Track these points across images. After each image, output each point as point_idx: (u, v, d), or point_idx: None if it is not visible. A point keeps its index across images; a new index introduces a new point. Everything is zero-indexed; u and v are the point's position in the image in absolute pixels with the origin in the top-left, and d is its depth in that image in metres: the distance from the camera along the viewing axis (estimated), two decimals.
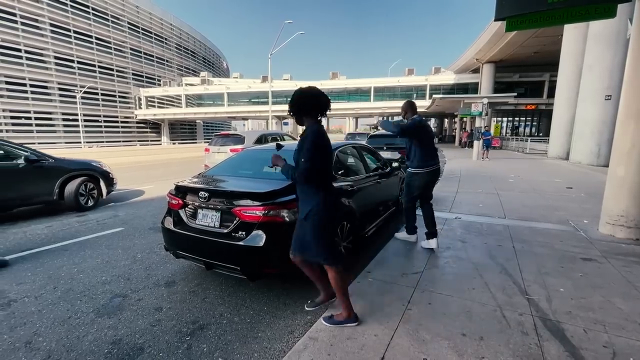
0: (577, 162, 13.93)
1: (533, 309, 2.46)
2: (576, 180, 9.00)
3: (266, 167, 3.63)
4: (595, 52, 13.11)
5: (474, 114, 16.44)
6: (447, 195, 6.97)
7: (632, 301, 2.56)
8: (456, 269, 3.21)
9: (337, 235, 3.25)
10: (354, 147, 4.34)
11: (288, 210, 2.67)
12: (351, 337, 2.14)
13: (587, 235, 4.26)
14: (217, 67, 67.15)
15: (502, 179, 9.49)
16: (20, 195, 5.61)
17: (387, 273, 3.13)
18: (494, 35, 23.94)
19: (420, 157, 3.71)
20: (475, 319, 2.33)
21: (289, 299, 2.89)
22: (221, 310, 2.73)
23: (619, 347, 2.02)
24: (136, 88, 44.06)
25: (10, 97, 31.65)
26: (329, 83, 41.41)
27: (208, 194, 2.82)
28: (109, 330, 2.45)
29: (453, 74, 38.09)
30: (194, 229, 2.92)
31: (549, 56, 24.68)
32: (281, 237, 2.65)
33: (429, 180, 3.79)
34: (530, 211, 5.56)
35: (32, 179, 5.71)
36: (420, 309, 2.47)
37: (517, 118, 45.13)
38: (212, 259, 2.82)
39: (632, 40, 4.06)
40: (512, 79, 33.32)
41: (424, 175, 3.73)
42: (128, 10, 42.42)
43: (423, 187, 3.79)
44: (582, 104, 13.93)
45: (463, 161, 15.39)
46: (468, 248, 3.80)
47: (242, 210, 2.65)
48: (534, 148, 21.36)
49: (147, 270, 3.55)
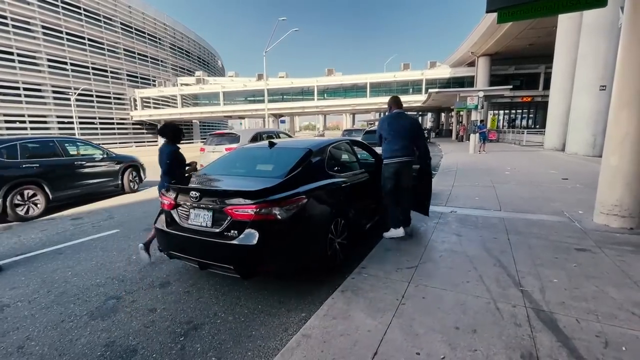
0: (573, 153, 13.96)
1: (527, 301, 2.46)
2: (572, 171, 9.02)
3: (259, 165, 3.62)
4: (590, 43, 13.09)
5: (470, 108, 16.44)
6: (444, 189, 6.97)
7: (625, 290, 2.57)
8: (451, 263, 3.21)
9: (332, 233, 3.25)
10: (347, 143, 4.32)
11: (280, 208, 2.65)
12: (344, 333, 2.14)
13: (581, 225, 4.27)
14: (212, 66, 66.75)
15: (499, 171, 9.50)
16: (100, 182, 7.60)
17: (381, 268, 3.12)
18: (488, 28, 23.90)
19: (386, 149, 3.95)
20: (469, 312, 2.33)
21: (284, 297, 2.88)
22: (215, 309, 2.72)
23: (611, 336, 2.02)
24: (131, 89, 43.75)
25: (3, 102, 31.39)
26: (324, 80, 41.25)
27: (199, 193, 2.80)
28: (102, 332, 2.44)
29: (449, 68, 38.03)
30: (186, 229, 2.90)
31: (545, 48, 24.63)
32: (274, 234, 2.64)
33: (396, 172, 3.88)
34: (525, 203, 5.57)
35: (106, 168, 7.80)
36: (414, 304, 2.47)
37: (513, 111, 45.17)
38: (206, 259, 2.80)
39: (623, 29, 4.05)
40: (507, 71, 33.28)
41: (389, 167, 3.90)
42: (120, 10, 42.01)
43: (393, 179, 3.90)
44: (577, 95, 13.94)
45: (460, 155, 15.40)
46: (463, 241, 3.80)
47: (233, 209, 2.63)
48: (531, 140, 21.39)
49: (142, 271, 3.53)
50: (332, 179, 3.45)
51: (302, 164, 3.20)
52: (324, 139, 4.03)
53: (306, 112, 44.94)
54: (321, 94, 41.48)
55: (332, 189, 3.39)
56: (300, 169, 3.15)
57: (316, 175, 3.29)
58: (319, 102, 41.13)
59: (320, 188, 3.20)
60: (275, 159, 3.52)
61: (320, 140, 3.87)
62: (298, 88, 41.98)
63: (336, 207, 3.37)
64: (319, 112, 49.18)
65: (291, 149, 3.63)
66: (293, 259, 2.88)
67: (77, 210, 6.67)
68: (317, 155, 3.47)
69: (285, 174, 3.01)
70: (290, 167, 3.12)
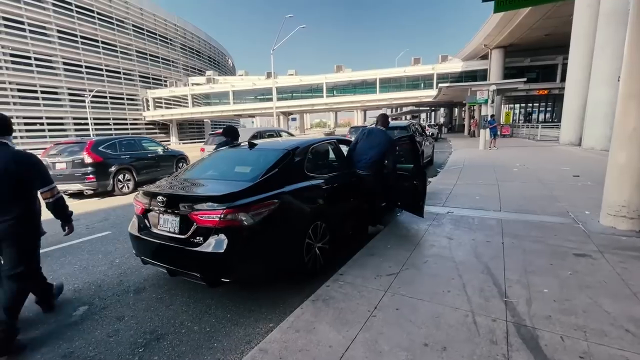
0: (589, 148, 13.30)
1: (509, 314, 2.26)
2: (586, 168, 8.55)
3: (238, 167, 3.51)
4: (607, 32, 12.39)
5: (480, 102, 15.89)
6: (444, 188, 6.70)
7: (621, 302, 2.33)
8: (435, 269, 3.02)
9: (310, 237, 3.12)
10: (333, 143, 4.16)
11: (247, 214, 2.53)
12: (303, 349, 2.01)
13: (585, 228, 3.98)
14: (222, 65, 67.26)
15: (506, 168, 9.11)
16: (162, 171, 9.35)
17: (360, 274, 2.97)
18: (502, 19, 23.03)
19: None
20: (442, 326, 2.15)
21: (256, 305, 2.77)
22: (183, 318, 2.63)
23: (597, 357, 1.81)
24: (143, 90, 44.53)
25: (23, 105, 32.51)
26: (333, 77, 40.90)
27: (166, 198, 2.71)
28: (64, 342, 2.38)
29: (461, 62, 36.99)
30: (156, 235, 2.83)
31: (562, 38, 23.52)
32: (242, 241, 2.53)
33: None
34: (529, 203, 5.27)
35: (166, 160, 9.99)
36: (386, 316, 2.31)
37: (529, 104, 43.66)
38: (174, 266, 2.72)
39: (630, 15, 3.72)
40: (522, 63, 32.10)
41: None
42: (132, 12, 42.72)
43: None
44: (594, 87, 13.26)
45: (469, 151, 14.94)
46: (453, 246, 3.59)
47: (198, 214, 2.53)
48: (546, 135, 20.54)
49: (121, 276, 3.49)
50: (311, 180, 3.31)
51: (278, 166, 3.07)
52: (308, 139, 3.90)
53: (315, 109, 44.77)
54: (330, 90, 41.18)
55: (311, 191, 3.26)
56: (276, 171, 3.02)
57: (293, 177, 3.16)
58: (328, 99, 40.86)
59: (297, 190, 3.06)
60: (253, 161, 3.41)
61: (302, 141, 3.73)
62: (307, 85, 41.81)
63: (315, 210, 3.24)
64: (328, 109, 48.94)
65: (269, 150, 3.50)
66: (265, 267, 2.76)
67: (78, 210, 6.75)
68: (296, 156, 3.34)
69: (258, 177, 2.89)
70: (265, 169, 3.00)
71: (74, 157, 7.72)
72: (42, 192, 2.50)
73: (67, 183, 7.62)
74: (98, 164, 7.77)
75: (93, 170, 7.66)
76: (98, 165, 7.76)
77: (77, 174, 7.64)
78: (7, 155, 2.35)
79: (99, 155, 7.88)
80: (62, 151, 8.01)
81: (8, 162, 2.32)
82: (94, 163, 7.69)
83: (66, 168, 7.69)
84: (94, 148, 7.86)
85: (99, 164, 7.80)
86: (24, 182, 2.39)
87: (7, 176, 2.30)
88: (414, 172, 4.31)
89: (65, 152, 7.96)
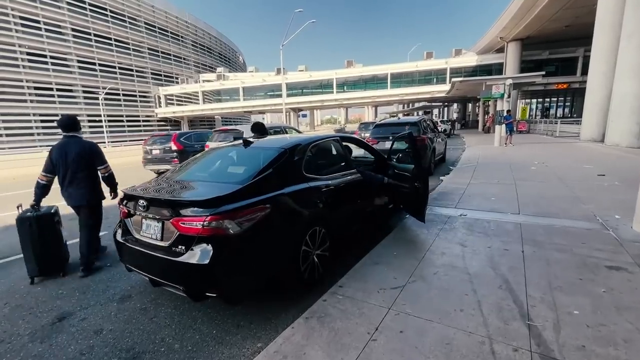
0: (614, 145, 12.55)
1: (533, 342, 1.93)
2: (611, 166, 7.98)
3: (230, 167, 3.25)
4: (635, 20, 11.59)
5: (495, 97, 15.25)
6: (457, 188, 6.31)
7: None
8: (446, 283, 2.69)
9: (308, 244, 2.84)
10: (336, 141, 3.85)
11: (232, 221, 2.26)
12: None
13: (617, 234, 3.57)
14: (233, 62, 67.34)
15: (524, 166, 8.60)
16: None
17: (362, 287, 2.67)
18: (519, 10, 22.11)
19: None
20: (453, 356, 1.84)
21: (245, 320, 2.51)
22: (165, 334, 2.40)
23: None
24: (155, 87, 44.96)
25: (39, 102, 33.25)
26: (344, 72, 40.31)
27: (147, 202, 2.47)
28: (32, 359, 2.18)
29: (475, 56, 35.85)
30: (138, 241, 2.60)
31: (584, 29, 22.40)
32: (227, 251, 2.26)
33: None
34: (550, 205, 4.85)
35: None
36: (388, 340, 2.01)
37: (547, 99, 42.12)
38: (156, 276, 2.49)
39: None
40: (541, 56, 30.83)
41: None
42: (144, 10, 43.07)
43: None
44: (619, 79, 12.45)
45: (483, 147, 14.36)
46: (466, 254, 3.25)
47: (179, 221, 2.28)
48: (565, 131, 19.64)
49: (109, 282, 3.30)
50: (309, 182, 3.02)
51: (271, 167, 2.79)
52: (308, 137, 3.59)
53: (325, 105, 44.27)
54: (340, 86, 40.61)
55: (310, 194, 2.97)
56: (269, 172, 2.74)
57: (289, 179, 2.87)
58: (338, 95, 40.33)
59: (292, 194, 2.78)
60: (246, 161, 3.14)
61: (301, 139, 3.43)
62: (317, 81, 41.35)
63: (314, 215, 2.95)
64: (338, 105, 48.37)
65: (264, 149, 3.21)
66: (254, 279, 2.49)
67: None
68: (293, 155, 3.05)
69: (249, 179, 2.61)
70: (257, 170, 2.72)
71: (164, 145, 10.36)
72: (100, 169, 3.67)
73: (160, 164, 10.26)
74: (180, 150, 10.19)
75: (177, 155, 10.10)
76: (180, 152, 10.15)
77: (166, 158, 10.26)
78: (79, 144, 3.53)
79: (181, 144, 10.36)
80: (155, 141, 10.70)
81: (81, 149, 3.49)
82: (177, 150, 10.20)
83: (159, 153, 10.39)
84: (178, 139, 10.43)
85: (181, 151, 10.17)
86: (91, 163, 3.57)
87: (83, 159, 3.48)
88: (414, 173, 3.95)
89: (157, 142, 10.63)
